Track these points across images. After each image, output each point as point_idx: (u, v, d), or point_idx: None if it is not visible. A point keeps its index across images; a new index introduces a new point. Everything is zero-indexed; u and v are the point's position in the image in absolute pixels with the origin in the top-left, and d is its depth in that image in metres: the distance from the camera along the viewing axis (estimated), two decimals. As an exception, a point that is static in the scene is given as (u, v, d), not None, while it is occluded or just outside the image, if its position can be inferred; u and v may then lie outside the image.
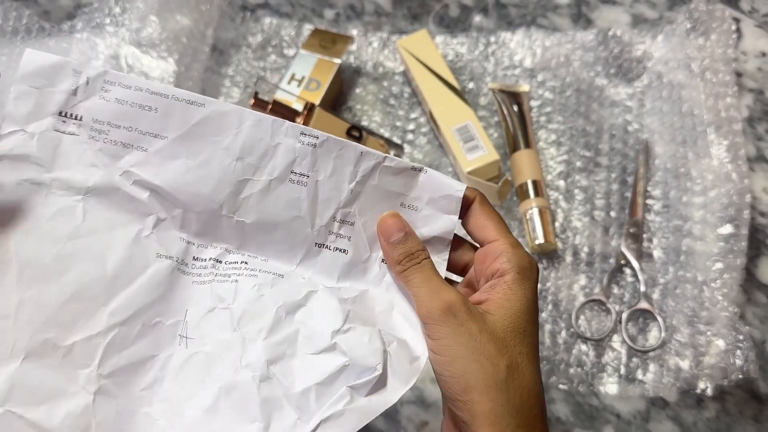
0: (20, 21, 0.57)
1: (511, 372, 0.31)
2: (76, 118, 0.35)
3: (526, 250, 0.37)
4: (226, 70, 0.66)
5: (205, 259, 0.36)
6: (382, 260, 0.36)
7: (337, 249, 0.36)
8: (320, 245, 0.36)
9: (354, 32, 0.67)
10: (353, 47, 0.67)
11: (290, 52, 0.67)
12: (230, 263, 0.36)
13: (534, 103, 0.62)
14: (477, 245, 0.35)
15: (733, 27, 0.60)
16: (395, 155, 0.58)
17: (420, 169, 0.35)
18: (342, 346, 0.33)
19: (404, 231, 0.35)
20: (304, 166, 0.35)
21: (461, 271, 0.37)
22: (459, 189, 0.35)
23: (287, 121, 0.34)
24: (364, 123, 0.63)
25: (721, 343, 0.49)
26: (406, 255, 0.34)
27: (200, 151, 0.35)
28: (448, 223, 0.35)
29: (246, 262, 0.36)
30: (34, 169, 0.35)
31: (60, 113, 0.35)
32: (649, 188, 0.58)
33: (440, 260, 0.35)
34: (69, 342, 0.33)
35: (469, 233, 0.36)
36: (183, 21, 0.60)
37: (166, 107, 0.34)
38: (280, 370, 0.33)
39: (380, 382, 0.33)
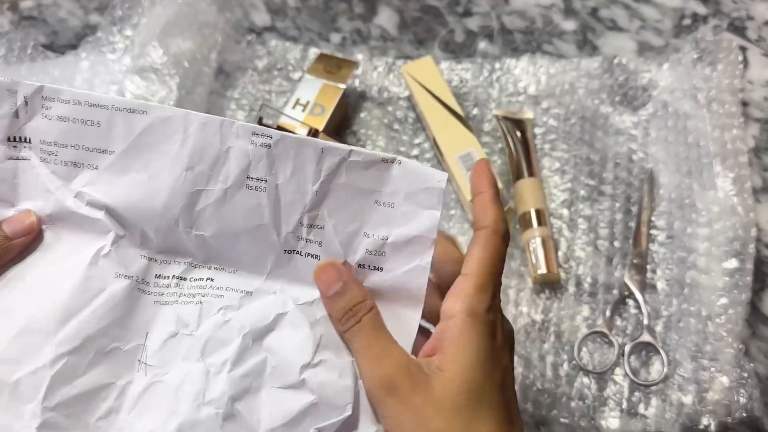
0: (25, 51, 0.57)
1: None
2: (25, 141, 0.33)
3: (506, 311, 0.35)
4: (232, 93, 0.67)
5: (169, 276, 0.34)
6: (359, 265, 0.33)
7: (308, 255, 0.33)
8: (290, 251, 0.33)
9: (359, 57, 0.67)
10: (358, 72, 0.67)
11: (296, 75, 0.67)
12: (195, 280, 0.34)
13: (538, 131, 0.62)
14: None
15: (740, 57, 0.60)
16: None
17: (393, 160, 0.31)
18: (311, 382, 0.31)
19: (341, 281, 0.31)
20: (261, 169, 0.32)
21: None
22: (440, 179, 0.31)
23: (237, 121, 0.32)
24: (369, 148, 0.63)
25: (725, 380, 0.48)
26: (345, 312, 0.31)
27: (149, 162, 0.32)
28: (429, 219, 0.31)
29: (212, 278, 0.34)
30: (1, 205, 0.33)
31: (8, 139, 0.33)
32: (653, 218, 0.57)
33: (422, 264, 0.32)
34: (14, 378, 0.31)
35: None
36: (185, 45, 0.60)
37: (108, 119, 0.32)
38: (245, 407, 0.31)
39: (350, 423, 0.31)
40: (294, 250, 0.33)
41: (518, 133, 0.61)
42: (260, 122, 0.55)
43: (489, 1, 0.71)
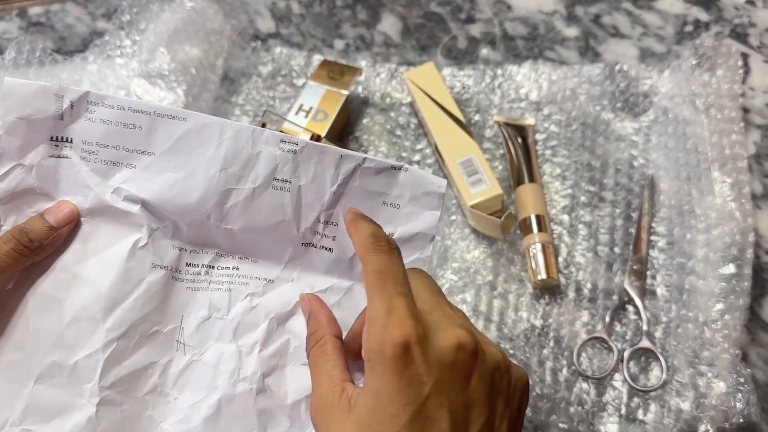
0: (33, 54, 0.58)
1: None
2: (67, 141, 0.36)
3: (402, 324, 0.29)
4: (236, 99, 0.67)
5: (198, 265, 0.37)
6: None
7: (323, 247, 0.37)
8: (306, 244, 0.37)
9: (363, 63, 0.68)
10: (361, 78, 0.67)
11: (300, 81, 0.68)
12: (222, 269, 0.37)
13: (539, 137, 0.63)
14: None
15: (740, 63, 0.60)
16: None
17: (400, 168, 0.36)
18: None
19: (307, 311, 0.35)
20: (286, 172, 0.35)
21: None
22: (441, 185, 0.36)
23: (267, 130, 0.35)
24: (371, 153, 0.64)
25: (722, 386, 0.48)
26: (308, 339, 0.35)
27: (185, 163, 0.36)
28: (430, 219, 0.36)
29: (237, 267, 0.37)
30: (41, 199, 0.36)
31: (51, 138, 0.36)
32: (653, 224, 0.57)
33: (423, 257, 0.36)
34: (73, 361, 0.35)
35: None
36: (192, 52, 0.61)
37: (150, 124, 0.35)
38: (274, 382, 0.35)
39: None
40: (310, 243, 0.37)
41: (519, 139, 0.61)
42: (263, 127, 0.55)
43: (492, 7, 0.71)
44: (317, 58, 0.69)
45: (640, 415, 0.50)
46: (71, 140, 0.36)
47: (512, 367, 0.31)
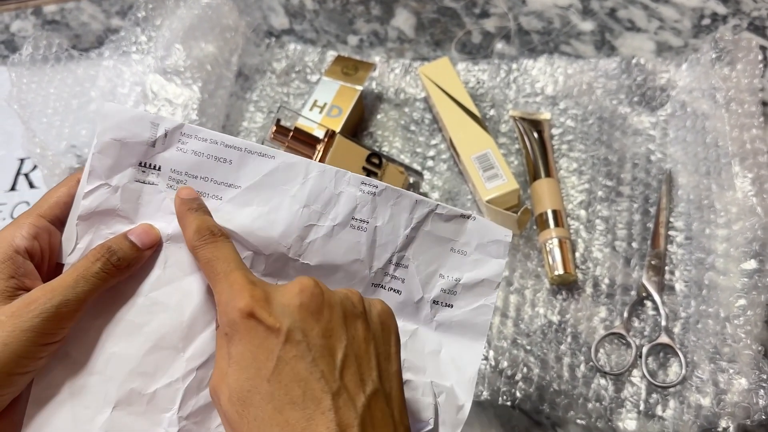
0: (50, 49, 0.58)
1: None
2: (155, 168, 0.36)
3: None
4: (251, 96, 0.67)
5: None
6: (434, 301, 0.38)
7: (391, 289, 0.38)
8: (376, 285, 0.38)
9: (377, 59, 0.68)
10: (375, 73, 0.67)
11: (314, 78, 0.68)
12: None
13: (555, 131, 0.62)
14: None
15: (760, 56, 0.59)
16: (414, 182, 0.58)
17: (469, 216, 0.37)
18: None
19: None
20: (365, 212, 0.37)
21: None
22: (507, 234, 0.38)
23: (349, 172, 0.37)
24: (385, 149, 0.64)
25: (743, 382, 0.47)
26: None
27: (270, 198, 0.37)
28: (496, 267, 0.37)
29: None
30: (120, 221, 0.36)
31: (140, 164, 0.36)
32: (671, 219, 0.57)
33: (487, 303, 0.38)
34: (152, 389, 0.34)
35: None
36: (208, 48, 0.61)
37: (240, 159, 0.36)
38: None
39: None
40: (380, 284, 0.38)
41: (535, 134, 0.61)
42: (278, 124, 0.55)
43: (506, 2, 0.71)
44: (331, 54, 0.69)
45: (659, 411, 0.50)
46: (159, 168, 0.36)
47: (365, 299, 0.34)
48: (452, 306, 0.38)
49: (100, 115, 0.35)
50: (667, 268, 0.55)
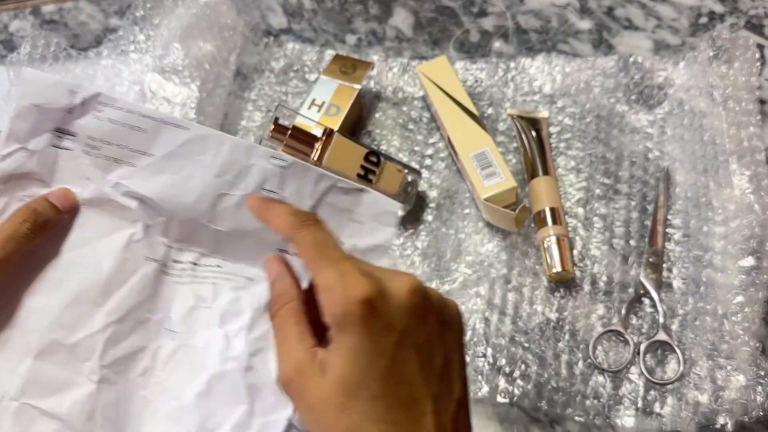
0: (48, 48, 0.59)
1: None
2: (71, 134, 0.38)
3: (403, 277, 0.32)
4: (249, 95, 0.68)
5: (184, 262, 0.40)
6: None
7: (296, 254, 0.39)
8: (282, 250, 0.39)
9: (375, 58, 0.68)
10: (373, 72, 0.67)
11: (312, 77, 0.68)
12: (206, 266, 0.40)
13: (553, 130, 0.62)
14: None
15: (757, 55, 0.59)
16: (412, 180, 0.58)
17: (363, 190, 0.40)
18: None
19: (275, 273, 0.36)
20: (273, 184, 0.39)
21: None
22: (396, 206, 0.40)
23: (260, 146, 0.39)
24: (383, 147, 0.64)
25: (741, 379, 0.48)
26: (273, 301, 0.35)
27: (184, 167, 0.38)
28: (388, 234, 0.40)
29: (220, 266, 0.40)
30: (36, 185, 0.38)
31: (57, 129, 0.38)
32: (669, 217, 0.57)
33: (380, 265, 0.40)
34: (73, 340, 0.37)
35: None
36: (206, 47, 0.61)
37: (155, 128, 0.38)
38: (260, 361, 0.38)
39: None
40: (286, 250, 0.39)
41: (533, 132, 0.61)
42: (276, 122, 0.55)
43: (504, 1, 0.71)
44: (329, 53, 0.69)
45: (657, 408, 0.50)
46: (76, 134, 0.38)
47: (446, 300, 0.34)
48: None
49: (20, 79, 0.37)
50: (664, 265, 0.55)
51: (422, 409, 0.30)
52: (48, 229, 0.37)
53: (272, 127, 0.55)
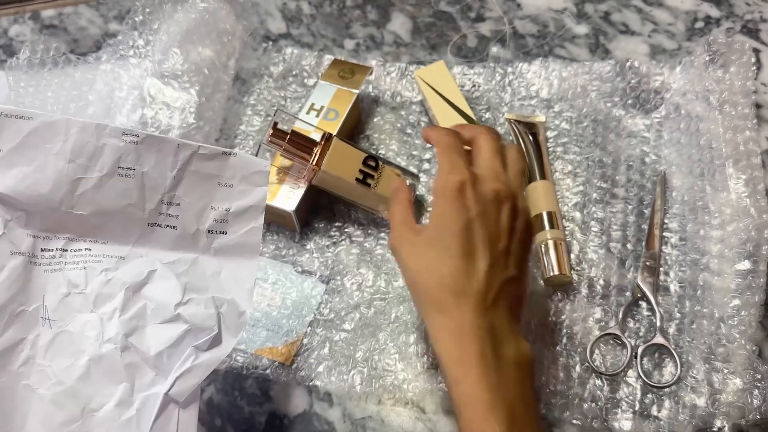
0: (47, 53, 0.59)
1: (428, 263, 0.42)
2: None
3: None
4: (248, 99, 0.68)
5: (52, 249, 0.41)
6: (209, 231, 0.42)
7: (167, 226, 0.42)
8: (152, 224, 0.41)
9: (373, 62, 0.68)
10: (372, 77, 0.68)
11: (311, 81, 0.68)
12: (75, 251, 0.41)
13: (550, 134, 0.63)
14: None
15: (753, 59, 0.60)
16: (411, 184, 0.59)
17: (230, 153, 0.41)
18: (184, 315, 0.40)
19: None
20: (130, 161, 0.40)
21: None
22: (266, 165, 0.41)
23: (109, 125, 0.39)
24: (381, 151, 0.64)
25: (738, 382, 0.48)
26: (391, 194, 0.48)
27: (34, 158, 0.39)
28: (260, 194, 0.41)
29: (89, 249, 0.41)
30: None
31: None
32: (666, 221, 0.57)
33: (257, 225, 0.42)
34: None
35: None
36: (205, 52, 0.61)
37: None
38: (137, 340, 0.40)
39: (216, 339, 0.40)
40: (156, 223, 0.41)
41: (530, 137, 0.61)
42: (275, 127, 0.56)
43: (501, 6, 0.71)
44: (328, 58, 0.69)
45: (654, 411, 0.50)
46: None
47: (525, 213, 0.45)
48: (226, 233, 0.42)
49: None
50: (661, 269, 0.55)
51: (478, 265, 0.41)
52: None
53: (271, 131, 0.56)
